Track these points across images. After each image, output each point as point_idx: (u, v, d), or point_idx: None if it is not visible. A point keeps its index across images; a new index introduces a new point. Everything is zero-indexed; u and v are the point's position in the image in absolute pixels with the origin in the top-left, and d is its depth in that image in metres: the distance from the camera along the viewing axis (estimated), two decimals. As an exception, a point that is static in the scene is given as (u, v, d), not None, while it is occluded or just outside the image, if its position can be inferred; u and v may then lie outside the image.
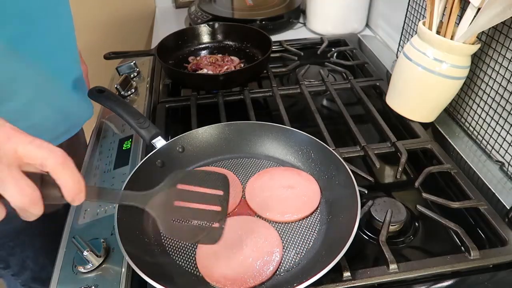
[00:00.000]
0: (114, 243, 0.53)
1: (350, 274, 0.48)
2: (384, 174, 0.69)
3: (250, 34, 0.99)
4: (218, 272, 0.49)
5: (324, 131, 0.72)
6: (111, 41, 1.49)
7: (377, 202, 0.58)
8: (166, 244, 0.54)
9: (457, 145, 0.72)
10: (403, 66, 0.73)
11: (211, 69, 0.90)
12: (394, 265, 0.49)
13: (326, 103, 0.90)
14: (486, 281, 0.50)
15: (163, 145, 0.63)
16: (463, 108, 0.76)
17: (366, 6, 1.16)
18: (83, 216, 0.60)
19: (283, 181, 0.62)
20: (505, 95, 0.65)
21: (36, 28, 0.57)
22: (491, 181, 0.64)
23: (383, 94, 0.83)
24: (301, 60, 0.99)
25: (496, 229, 0.54)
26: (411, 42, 0.71)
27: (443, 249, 0.55)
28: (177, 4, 1.44)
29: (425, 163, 0.69)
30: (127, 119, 0.65)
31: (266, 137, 0.68)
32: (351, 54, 1.04)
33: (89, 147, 0.75)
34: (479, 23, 0.59)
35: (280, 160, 0.67)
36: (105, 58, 0.89)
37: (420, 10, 0.86)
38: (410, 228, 0.58)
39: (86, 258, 0.51)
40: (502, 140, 0.66)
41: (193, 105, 0.81)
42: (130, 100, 0.87)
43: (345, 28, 1.16)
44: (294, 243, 0.54)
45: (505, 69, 0.64)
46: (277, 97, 0.82)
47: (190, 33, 1.02)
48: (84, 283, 0.50)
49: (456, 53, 0.66)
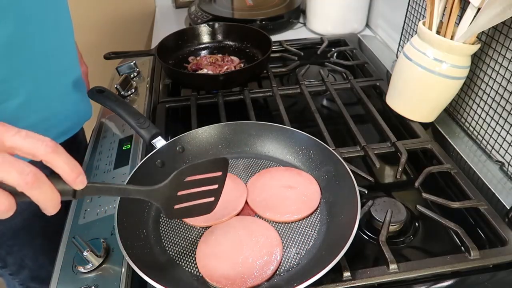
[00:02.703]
0: (114, 243, 0.53)
1: (350, 274, 0.48)
2: (384, 174, 0.69)
3: (250, 34, 0.99)
4: (218, 272, 0.49)
5: (324, 131, 0.72)
6: (111, 41, 1.49)
7: (377, 202, 0.58)
8: (166, 244, 0.54)
9: (457, 145, 0.72)
10: (403, 66, 0.73)
11: (211, 69, 0.90)
12: (394, 265, 0.49)
13: (326, 103, 0.90)
14: (486, 281, 0.50)
15: (163, 145, 0.63)
16: (463, 108, 0.76)
17: (366, 6, 1.16)
18: (83, 216, 0.60)
19: (283, 181, 0.62)
20: (505, 95, 0.65)
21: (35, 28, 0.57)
22: (491, 181, 0.64)
23: (383, 94, 0.83)
24: (301, 60, 0.99)
25: (496, 229, 0.54)
26: (411, 42, 0.71)
27: (443, 249, 0.55)
28: (177, 4, 1.44)
29: (425, 163, 0.69)
30: (127, 119, 0.65)
31: (266, 137, 0.68)
32: (351, 54, 1.04)
33: (89, 147, 0.75)
34: (479, 23, 0.59)
35: (280, 160, 0.67)
36: (105, 58, 0.89)
37: (420, 10, 0.86)
38: (410, 228, 0.58)
39: (86, 258, 0.51)
40: (502, 140, 0.66)
41: (193, 105, 0.81)
42: (130, 100, 0.87)
43: (345, 28, 1.16)
44: (294, 243, 0.53)
45: (505, 69, 0.64)
46: (277, 97, 0.82)
47: (190, 33, 1.02)
48: (84, 283, 0.50)
49: (456, 53, 0.66)
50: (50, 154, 0.34)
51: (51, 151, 0.34)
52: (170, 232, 0.56)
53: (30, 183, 0.33)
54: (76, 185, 0.36)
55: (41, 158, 0.34)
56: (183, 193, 0.47)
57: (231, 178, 0.63)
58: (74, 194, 0.37)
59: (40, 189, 0.34)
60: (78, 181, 0.36)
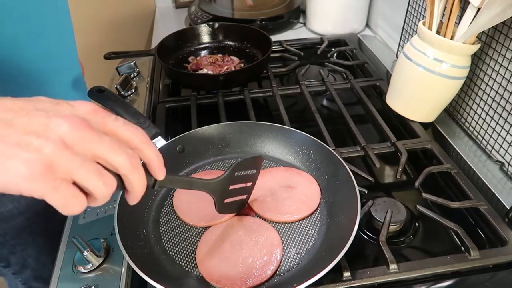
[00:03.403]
0: (114, 243, 0.53)
1: (350, 274, 0.48)
2: (384, 174, 0.69)
3: (250, 34, 0.99)
4: (218, 272, 0.49)
5: (324, 131, 0.72)
6: (111, 41, 1.49)
7: (377, 202, 0.58)
8: (166, 244, 0.54)
9: (457, 145, 0.72)
10: (403, 66, 0.73)
11: (211, 69, 0.91)
12: (394, 265, 0.49)
13: (326, 103, 0.90)
14: (486, 281, 0.50)
15: (163, 145, 0.63)
16: (463, 108, 0.76)
17: (366, 6, 1.16)
18: (83, 216, 0.60)
19: (283, 181, 0.62)
20: (505, 95, 0.65)
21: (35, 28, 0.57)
22: (491, 181, 0.64)
23: (383, 94, 0.83)
24: (301, 60, 0.99)
25: (496, 229, 0.54)
26: (411, 42, 0.71)
27: (443, 249, 0.55)
28: (177, 4, 1.44)
29: (425, 163, 0.69)
30: (127, 119, 0.65)
31: (266, 137, 0.68)
32: (351, 54, 1.04)
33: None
34: (479, 23, 0.59)
35: (280, 160, 0.67)
36: (105, 58, 0.89)
37: (420, 10, 0.86)
38: (410, 228, 0.58)
39: (86, 258, 0.51)
40: (502, 140, 0.66)
41: (193, 105, 0.81)
42: (130, 100, 0.87)
43: (345, 28, 1.16)
44: (294, 243, 0.54)
45: (505, 69, 0.64)
46: (277, 97, 0.82)
47: (190, 33, 1.02)
48: (84, 283, 0.50)
49: (456, 53, 0.66)
50: (144, 143, 0.35)
51: (145, 140, 0.35)
52: (170, 232, 0.56)
53: (135, 166, 0.33)
54: (160, 175, 0.38)
55: (135, 145, 0.34)
56: (232, 187, 0.51)
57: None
58: (154, 184, 0.38)
59: (139, 174, 0.34)
60: (162, 172, 0.37)
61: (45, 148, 0.28)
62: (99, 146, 0.31)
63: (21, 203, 0.68)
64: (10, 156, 0.28)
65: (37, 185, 0.28)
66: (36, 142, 0.29)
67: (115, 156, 0.32)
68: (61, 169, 0.29)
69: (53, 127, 0.29)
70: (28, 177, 0.28)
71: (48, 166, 0.28)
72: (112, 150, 0.31)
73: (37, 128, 0.29)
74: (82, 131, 0.30)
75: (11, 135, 0.29)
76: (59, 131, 0.29)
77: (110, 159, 0.31)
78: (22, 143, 0.28)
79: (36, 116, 0.30)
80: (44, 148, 0.28)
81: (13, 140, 0.28)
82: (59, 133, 0.29)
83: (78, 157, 0.30)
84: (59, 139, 0.29)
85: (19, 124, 0.29)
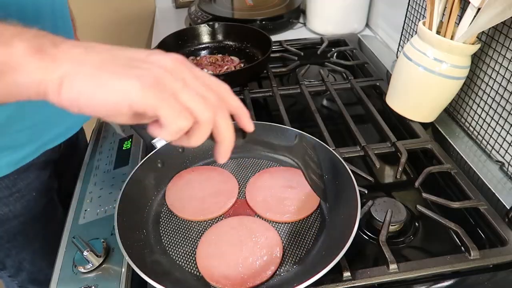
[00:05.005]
0: (114, 243, 0.53)
1: (350, 274, 0.48)
2: (384, 174, 0.69)
3: (250, 34, 0.99)
4: (218, 272, 0.49)
5: (324, 131, 0.72)
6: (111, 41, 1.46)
7: (377, 202, 0.58)
8: (166, 244, 0.54)
9: (457, 145, 0.72)
10: (403, 66, 0.73)
11: (211, 69, 0.91)
12: (394, 265, 0.49)
13: (326, 103, 0.90)
14: (486, 281, 0.50)
15: (163, 145, 0.62)
16: (463, 108, 0.76)
17: (366, 6, 1.16)
18: (83, 216, 0.60)
19: (283, 181, 0.62)
20: (505, 95, 0.65)
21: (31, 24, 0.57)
22: (491, 181, 0.64)
23: (383, 94, 0.83)
24: (301, 60, 0.98)
25: (496, 229, 0.54)
26: (411, 42, 0.71)
27: (443, 249, 0.55)
28: (177, 4, 1.44)
29: (425, 163, 0.69)
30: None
31: (266, 137, 0.68)
32: (351, 54, 1.04)
33: (89, 147, 0.75)
34: (479, 23, 0.59)
35: (280, 160, 0.67)
36: (105, 58, 0.89)
37: (420, 10, 0.86)
38: (410, 228, 0.58)
39: (86, 258, 0.51)
40: (502, 140, 0.66)
41: (193, 105, 0.80)
42: (130, 100, 0.87)
43: (345, 28, 1.16)
44: (294, 243, 0.53)
45: (505, 69, 0.64)
46: (277, 97, 0.82)
47: (190, 33, 1.02)
48: (84, 283, 0.50)
49: (456, 53, 0.66)
50: (230, 94, 0.37)
51: (231, 92, 0.37)
52: (170, 232, 0.56)
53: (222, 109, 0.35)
54: (249, 126, 0.39)
55: (222, 95, 0.35)
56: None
57: (218, 171, 0.64)
58: (244, 135, 0.39)
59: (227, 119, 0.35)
60: (251, 123, 0.39)
61: (153, 69, 0.31)
62: (195, 82, 0.33)
63: (16, 207, 0.68)
64: (121, 75, 0.30)
65: (149, 95, 0.30)
66: (144, 65, 0.31)
67: (207, 93, 0.33)
68: (168, 86, 0.31)
69: (156, 59, 0.32)
70: (141, 87, 0.30)
71: (158, 80, 0.31)
72: (205, 88, 0.33)
73: (142, 57, 0.32)
74: (180, 65, 0.33)
75: (121, 58, 0.32)
76: (161, 62, 0.32)
77: (204, 93, 0.33)
78: (131, 64, 0.31)
79: (138, 51, 0.33)
80: (152, 69, 0.31)
81: (122, 62, 0.31)
82: (161, 63, 0.32)
83: (181, 81, 0.32)
84: (163, 66, 0.32)
85: (125, 54, 0.32)
